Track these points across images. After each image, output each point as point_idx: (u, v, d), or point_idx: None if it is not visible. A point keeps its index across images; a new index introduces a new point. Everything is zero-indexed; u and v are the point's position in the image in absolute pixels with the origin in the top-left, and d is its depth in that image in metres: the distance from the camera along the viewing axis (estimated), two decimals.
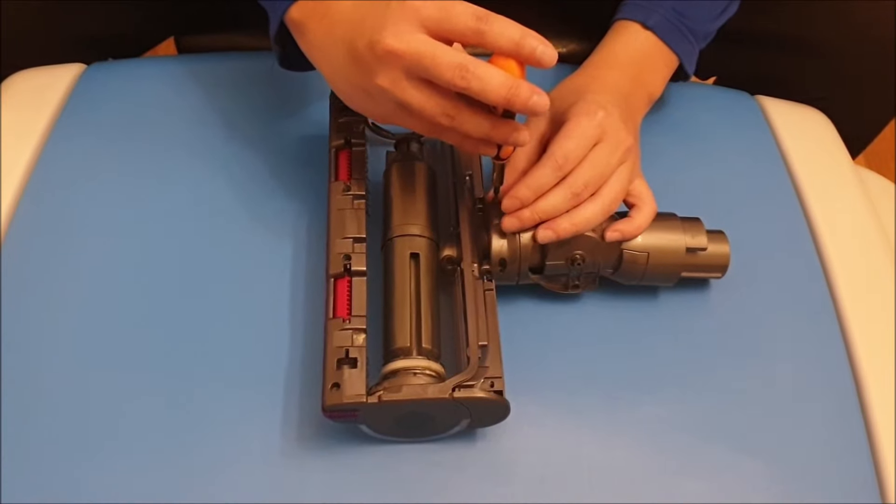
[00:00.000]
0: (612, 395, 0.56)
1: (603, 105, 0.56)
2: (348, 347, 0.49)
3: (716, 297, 0.61)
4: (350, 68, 0.50)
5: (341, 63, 0.51)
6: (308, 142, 0.66)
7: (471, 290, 0.53)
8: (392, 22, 0.47)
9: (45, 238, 0.59)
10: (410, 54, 0.46)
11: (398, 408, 0.48)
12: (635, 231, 0.56)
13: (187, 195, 0.63)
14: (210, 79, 0.70)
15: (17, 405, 0.52)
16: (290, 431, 0.52)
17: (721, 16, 0.66)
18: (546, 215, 0.54)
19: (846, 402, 0.56)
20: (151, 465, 0.50)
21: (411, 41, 0.46)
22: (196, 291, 0.58)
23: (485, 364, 0.50)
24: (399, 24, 0.47)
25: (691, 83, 0.70)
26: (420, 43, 0.46)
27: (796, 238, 0.65)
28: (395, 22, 0.47)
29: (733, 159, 0.70)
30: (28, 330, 0.55)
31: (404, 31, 0.47)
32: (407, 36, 0.46)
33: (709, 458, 0.54)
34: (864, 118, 0.82)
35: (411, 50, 0.46)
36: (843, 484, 0.53)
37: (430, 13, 0.47)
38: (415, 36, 0.47)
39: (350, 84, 0.52)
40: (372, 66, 0.48)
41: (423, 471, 0.51)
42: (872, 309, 0.61)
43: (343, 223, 0.54)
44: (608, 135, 0.55)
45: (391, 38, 0.46)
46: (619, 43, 0.63)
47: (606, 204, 0.55)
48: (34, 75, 0.70)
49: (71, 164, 0.64)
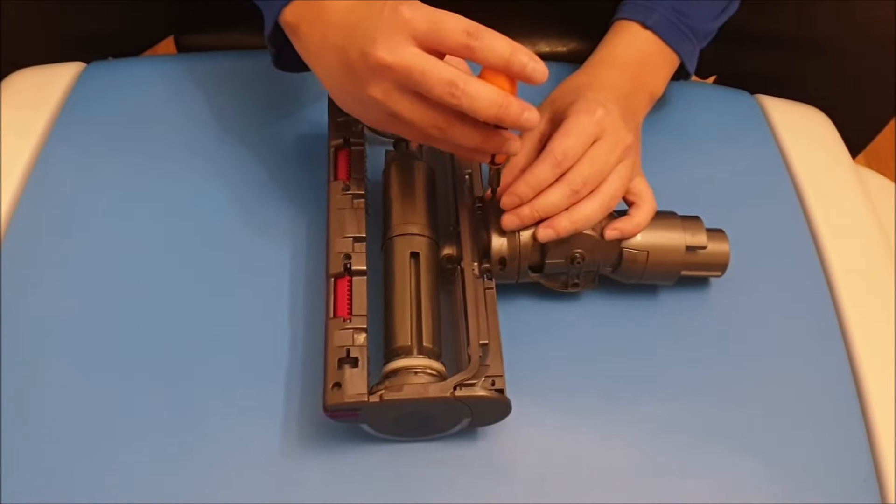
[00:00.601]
0: (612, 394, 0.56)
1: (602, 103, 0.56)
2: (349, 347, 0.49)
3: (716, 295, 0.61)
4: (343, 76, 0.50)
5: (334, 69, 0.51)
6: (307, 141, 0.66)
7: (471, 288, 0.53)
8: (383, 33, 0.47)
9: (45, 237, 0.59)
10: (401, 68, 0.46)
11: (399, 407, 0.48)
12: (634, 229, 0.56)
13: (186, 194, 0.63)
14: (209, 78, 0.70)
15: (17, 405, 0.52)
16: (290, 431, 0.52)
17: (721, 15, 0.66)
18: (545, 212, 0.54)
19: (846, 401, 0.56)
20: (152, 464, 0.50)
21: (403, 54, 0.46)
22: (196, 291, 0.58)
23: (485, 363, 0.50)
24: (390, 36, 0.46)
25: (691, 82, 0.70)
26: (411, 56, 0.46)
27: (796, 237, 0.65)
28: (386, 33, 0.47)
29: (733, 158, 0.70)
30: (28, 330, 0.55)
31: (395, 44, 0.46)
32: (398, 49, 0.46)
33: (709, 458, 0.54)
34: (865, 117, 0.82)
35: (402, 63, 0.46)
36: (843, 484, 0.53)
37: (419, 26, 0.46)
38: (406, 49, 0.46)
39: (343, 90, 0.52)
40: (364, 77, 0.48)
41: (424, 470, 0.51)
42: (872, 308, 0.61)
43: (343, 223, 0.54)
44: (607, 132, 0.55)
45: (382, 51, 0.46)
46: (619, 43, 0.63)
47: (605, 201, 0.55)
48: (34, 74, 0.70)
49: (70, 163, 0.64)
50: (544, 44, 0.80)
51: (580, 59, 0.64)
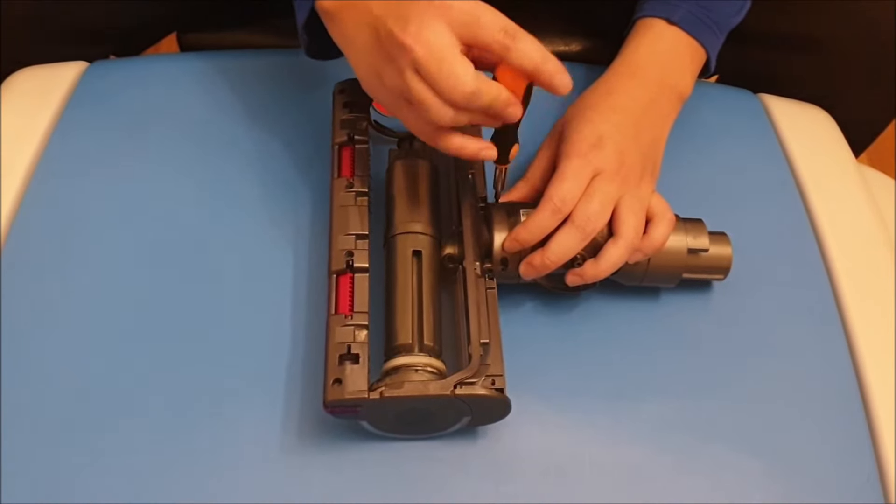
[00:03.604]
0: (613, 394, 0.56)
1: (600, 136, 0.55)
2: (350, 343, 0.49)
3: (717, 292, 0.61)
4: (371, 50, 0.50)
5: (365, 44, 0.51)
6: (310, 139, 0.66)
7: (472, 288, 0.53)
8: (417, 15, 0.47)
9: (47, 236, 0.59)
10: (422, 58, 0.46)
11: (399, 404, 0.48)
12: (651, 245, 0.55)
13: (189, 192, 0.63)
14: (212, 76, 0.70)
15: (18, 405, 0.52)
16: (291, 427, 0.52)
17: (740, 11, 0.65)
18: (560, 258, 0.53)
19: (849, 402, 0.56)
20: (153, 459, 0.50)
21: (431, 45, 0.46)
22: (198, 288, 0.58)
23: (486, 362, 0.50)
24: (424, 19, 0.46)
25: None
26: (438, 50, 0.46)
27: (799, 237, 0.64)
28: (420, 16, 0.47)
29: (736, 157, 0.70)
30: (29, 330, 0.55)
31: (427, 29, 0.46)
32: (428, 34, 0.46)
33: (710, 458, 0.54)
34: (867, 116, 0.82)
35: (424, 54, 0.46)
36: (846, 484, 0.53)
37: (459, 15, 0.47)
38: (438, 40, 0.46)
39: (367, 65, 0.52)
40: (388, 52, 0.48)
41: (424, 468, 0.51)
42: (875, 308, 0.61)
43: (346, 220, 0.54)
44: (604, 169, 0.54)
45: (410, 32, 0.46)
46: (643, 43, 0.62)
47: (628, 243, 0.54)
48: (36, 73, 0.70)
49: (72, 162, 0.64)
50: (547, 43, 0.79)
51: (584, 59, 0.64)
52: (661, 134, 0.61)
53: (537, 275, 0.54)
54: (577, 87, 0.65)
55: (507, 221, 0.55)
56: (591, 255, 0.55)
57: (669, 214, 0.56)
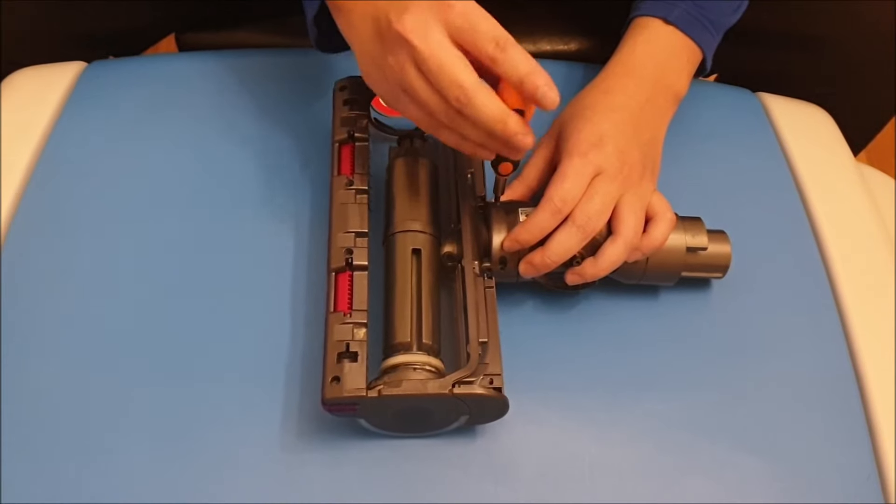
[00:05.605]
0: (612, 393, 0.55)
1: (601, 136, 0.55)
2: (349, 341, 0.49)
3: (716, 291, 0.60)
4: (373, 41, 0.50)
5: (368, 36, 0.51)
6: (309, 139, 0.66)
7: (471, 287, 0.53)
8: (416, 7, 0.47)
9: (46, 236, 0.59)
10: (420, 51, 0.46)
11: (398, 402, 0.48)
12: (650, 244, 0.55)
13: (188, 192, 0.63)
14: (211, 76, 0.70)
15: (18, 405, 0.52)
16: (289, 425, 0.52)
17: (737, 11, 0.65)
18: (560, 257, 0.53)
19: (848, 400, 0.56)
20: (152, 458, 0.50)
21: (429, 39, 0.46)
22: (197, 286, 0.58)
23: (484, 361, 0.50)
24: (422, 14, 0.47)
25: (693, 80, 0.70)
26: (437, 45, 0.46)
27: (798, 235, 0.64)
28: (419, 9, 0.47)
29: (735, 156, 0.70)
30: (29, 329, 0.55)
31: (424, 23, 0.46)
32: (424, 29, 0.46)
33: (710, 457, 0.54)
34: (866, 115, 0.82)
35: (422, 48, 0.46)
36: (845, 483, 0.53)
37: (455, 18, 0.47)
38: (433, 34, 0.46)
39: (369, 56, 0.52)
40: (387, 44, 0.48)
41: (422, 466, 0.51)
42: (874, 306, 0.61)
43: (345, 217, 0.54)
44: (605, 169, 0.54)
45: (408, 24, 0.46)
46: (640, 42, 0.62)
47: (628, 242, 0.54)
48: (35, 73, 0.70)
49: (71, 162, 0.64)
50: (546, 42, 0.80)
51: (583, 58, 0.64)
52: (659, 133, 0.61)
53: (537, 273, 0.54)
54: (576, 85, 0.66)
55: (506, 221, 0.55)
56: (590, 253, 0.55)
57: (670, 214, 0.56)
